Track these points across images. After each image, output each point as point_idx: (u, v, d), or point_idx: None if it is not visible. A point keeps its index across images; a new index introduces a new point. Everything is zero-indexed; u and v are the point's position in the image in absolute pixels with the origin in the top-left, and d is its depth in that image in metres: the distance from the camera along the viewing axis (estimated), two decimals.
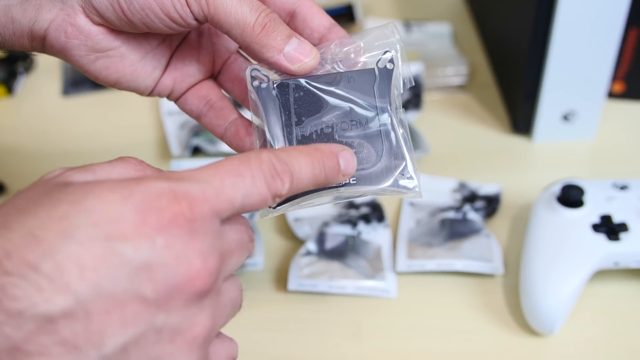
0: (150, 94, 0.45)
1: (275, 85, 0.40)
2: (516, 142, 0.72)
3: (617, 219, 0.55)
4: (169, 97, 0.45)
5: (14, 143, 0.74)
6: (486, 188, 0.65)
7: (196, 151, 0.71)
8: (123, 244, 0.27)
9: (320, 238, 0.60)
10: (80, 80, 0.81)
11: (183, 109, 0.46)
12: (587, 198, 0.56)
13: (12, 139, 0.75)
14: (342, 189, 0.38)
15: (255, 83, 0.40)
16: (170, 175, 0.30)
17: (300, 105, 0.40)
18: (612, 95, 0.75)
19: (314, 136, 0.39)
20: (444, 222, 0.62)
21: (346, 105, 0.39)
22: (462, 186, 0.66)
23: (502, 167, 0.69)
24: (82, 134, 0.75)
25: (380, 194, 0.39)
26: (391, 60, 0.40)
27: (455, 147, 0.72)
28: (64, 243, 0.26)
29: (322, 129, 0.39)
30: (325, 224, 0.61)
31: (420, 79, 0.74)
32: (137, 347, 0.28)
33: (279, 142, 0.39)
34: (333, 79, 0.40)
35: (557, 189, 0.58)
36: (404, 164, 0.39)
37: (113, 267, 0.27)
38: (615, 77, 0.73)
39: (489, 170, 0.68)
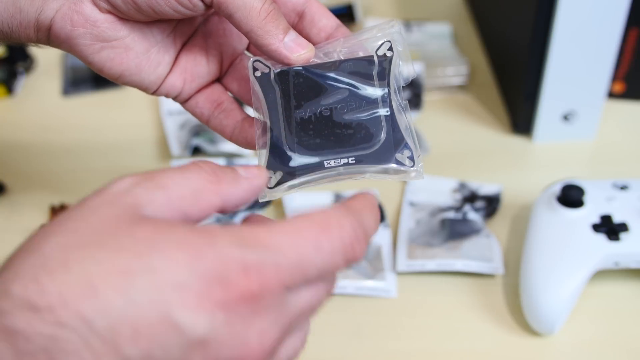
0: (157, 91, 0.44)
1: (275, 73, 0.40)
2: (516, 142, 0.72)
3: (617, 219, 0.55)
4: (176, 98, 0.46)
5: (14, 143, 0.74)
6: (486, 188, 0.65)
7: (196, 151, 0.71)
8: (182, 315, 0.26)
9: None
10: (80, 80, 0.81)
11: (193, 111, 0.46)
12: (587, 198, 0.56)
13: (12, 139, 0.75)
14: (341, 169, 0.38)
15: (257, 73, 0.41)
16: (245, 237, 0.28)
17: (299, 91, 0.40)
18: (612, 95, 0.75)
19: (313, 118, 0.39)
20: (444, 222, 0.62)
21: (345, 89, 0.40)
22: (462, 186, 0.66)
23: (502, 167, 0.69)
24: (82, 134, 0.75)
25: (380, 174, 0.39)
26: (390, 49, 0.41)
27: (455, 147, 0.72)
28: (122, 302, 0.25)
29: (320, 112, 0.39)
30: None
31: (420, 79, 0.74)
32: None
33: (278, 125, 0.39)
34: (333, 65, 0.40)
35: (557, 189, 0.58)
36: (404, 144, 0.39)
37: (168, 337, 0.26)
38: (615, 77, 0.73)
39: (489, 170, 0.68)
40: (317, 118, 0.39)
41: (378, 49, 0.41)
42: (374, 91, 0.40)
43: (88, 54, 0.41)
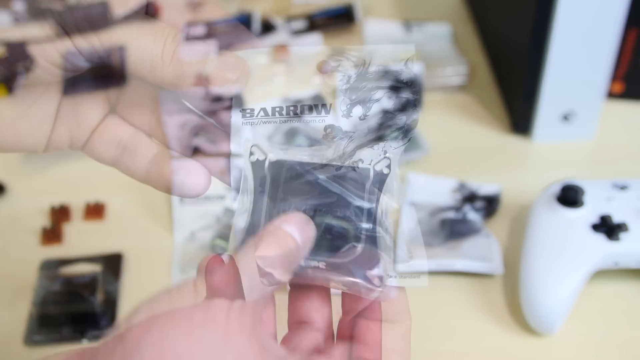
0: (47, 149, 0.38)
1: (269, 162, 0.40)
2: (516, 142, 0.72)
3: (616, 219, 0.55)
4: (71, 148, 0.39)
5: None
6: (486, 188, 0.65)
7: (196, 151, 0.71)
8: None
9: None
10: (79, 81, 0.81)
11: (93, 157, 0.39)
12: (586, 198, 0.57)
13: None
14: (309, 270, 0.37)
15: (253, 158, 0.40)
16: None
17: (289, 185, 0.40)
18: (611, 95, 0.75)
19: None
20: (444, 222, 0.62)
21: (335, 194, 0.39)
22: (462, 186, 0.66)
23: (502, 167, 0.69)
24: None
25: (347, 287, 0.38)
26: (388, 166, 0.40)
27: (455, 147, 0.72)
28: None
29: (304, 211, 0.39)
30: None
31: (420, 79, 0.74)
32: None
33: (260, 213, 0.39)
34: (329, 168, 0.40)
35: (556, 189, 0.58)
36: (376, 263, 0.38)
37: None
38: (614, 77, 0.73)
39: (489, 170, 0.68)
40: None
41: (377, 163, 0.40)
42: (362, 204, 0.39)
43: None
